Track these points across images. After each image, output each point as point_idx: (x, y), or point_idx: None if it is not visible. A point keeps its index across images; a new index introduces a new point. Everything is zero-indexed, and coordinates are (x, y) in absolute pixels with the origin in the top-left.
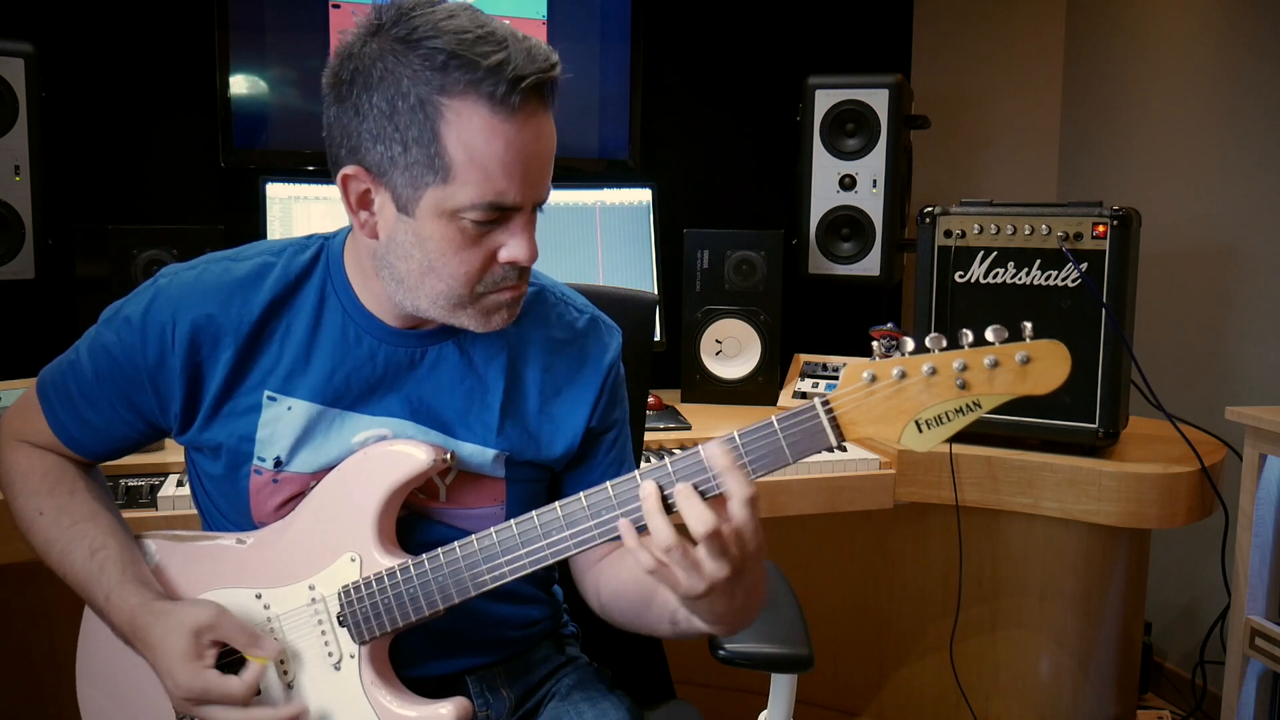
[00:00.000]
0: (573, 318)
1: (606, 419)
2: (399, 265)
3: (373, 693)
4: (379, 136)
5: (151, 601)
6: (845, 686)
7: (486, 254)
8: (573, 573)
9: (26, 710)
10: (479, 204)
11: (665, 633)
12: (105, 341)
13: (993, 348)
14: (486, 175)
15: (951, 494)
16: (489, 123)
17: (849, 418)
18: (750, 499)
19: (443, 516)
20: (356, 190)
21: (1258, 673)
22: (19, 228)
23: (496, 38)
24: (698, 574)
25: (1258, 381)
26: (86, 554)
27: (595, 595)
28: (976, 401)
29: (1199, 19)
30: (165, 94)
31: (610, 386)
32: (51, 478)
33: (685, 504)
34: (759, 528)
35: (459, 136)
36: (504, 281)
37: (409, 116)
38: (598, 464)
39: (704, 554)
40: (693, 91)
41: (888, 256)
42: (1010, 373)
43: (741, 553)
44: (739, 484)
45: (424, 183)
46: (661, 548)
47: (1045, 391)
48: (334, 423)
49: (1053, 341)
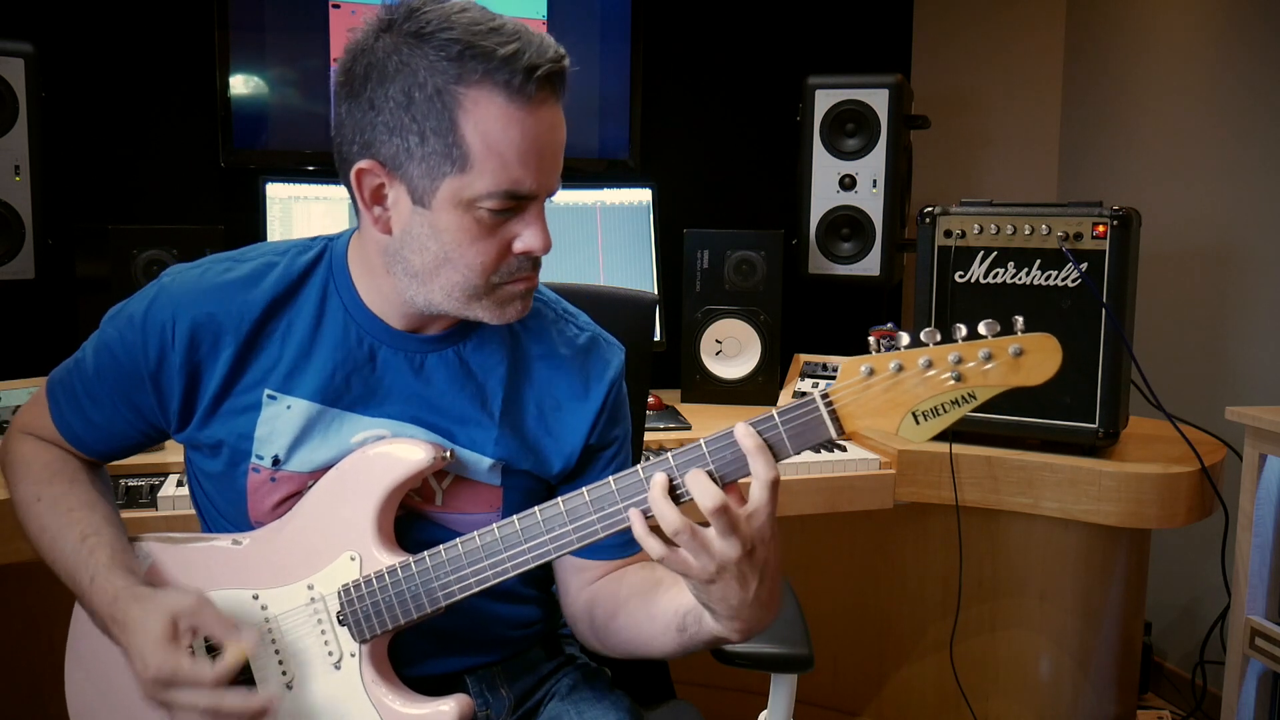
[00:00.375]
0: (573, 334)
1: (606, 436)
2: (414, 259)
3: (374, 691)
4: (395, 129)
5: (135, 587)
6: (845, 686)
7: (502, 244)
8: (562, 602)
9: (26, 710)
10: (496, 192)
11: (671, 644)
12: (108, 339)
13: (986, 341)
14: (504, 163)
15: (951, 494)
16: (505, 111)
17: (848, 410)
18: (772, 481)
19: (438, 521)
20: (370, 185)
21: (1258, 673)
22: (19, 228)
23: (508, 29)
24: (708, 554)
25: (1258, 381)
26: (77, 539)
27: (588, 620)
28: (971, 393)
29: (1199, 19)
30: (165, 94)
31: (611, 404)
32: (53, 468)
33: (694, 483)
34: (774, 512)
35: (476, 125)
36: (519, 272)
37: (426, 106)
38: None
39: (713, 532)
40: (693, 91)
41: (888, 256)
42: (1004, 365)
43: (752, 534)
44: (764, 465)
45: (441, 173)
46: (671, 530)
47: (1038, 383)
48: (333, 423)
49: (1044, 334)
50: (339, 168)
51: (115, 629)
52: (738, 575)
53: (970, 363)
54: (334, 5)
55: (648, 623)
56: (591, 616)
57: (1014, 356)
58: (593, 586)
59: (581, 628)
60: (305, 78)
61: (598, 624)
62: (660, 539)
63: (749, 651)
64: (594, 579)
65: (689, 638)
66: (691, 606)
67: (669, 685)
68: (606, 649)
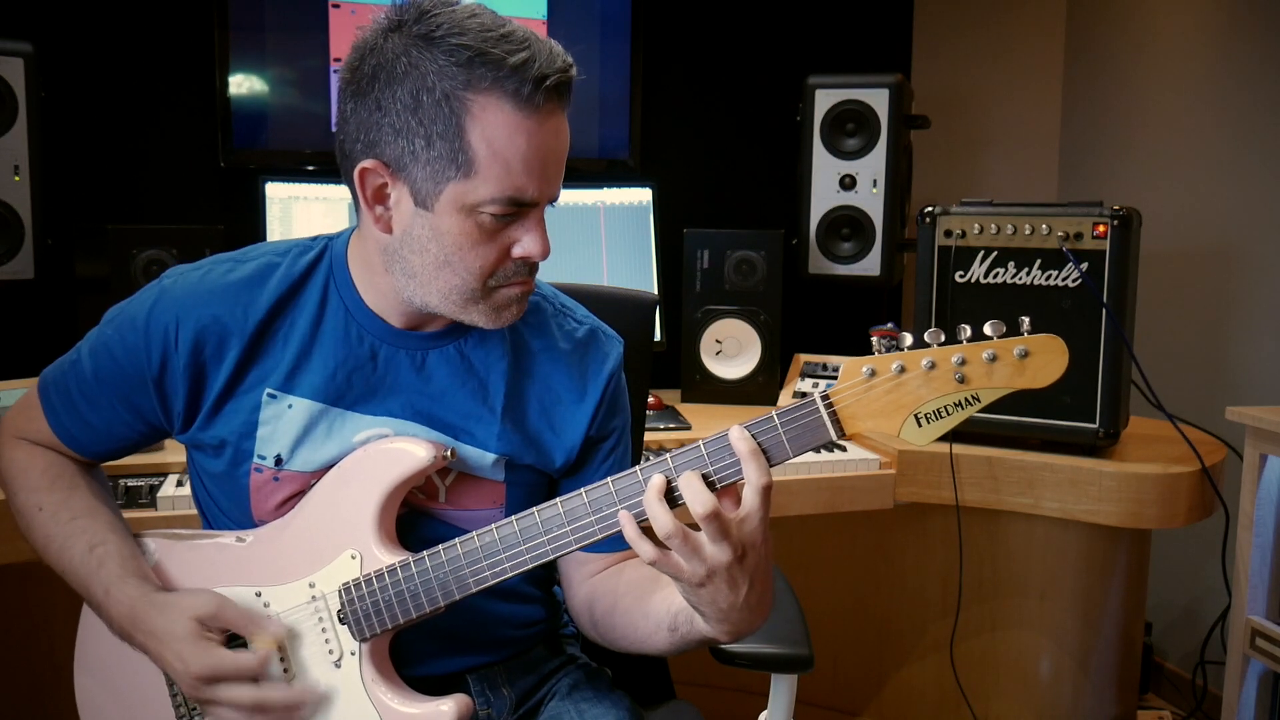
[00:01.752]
0: (572, 328)
1: (605, 427)
2: (413, 260)
3: (373, 690)
4: (401, 130)
5: (151, 594)
6: (845, 686)
7: (501, 249)
8: (565, 595)
9: (26, 710)
10: (499, 198)
11: (664, 643)
12: (107, 341)
13: (991, 342)
14: (508, 171)
15: (952, 494)
16: (513, 119)
17: (849, 412)
18: (764, 487)
19: (442, 517)
20: (373, 185)
21: (1258, 673)
22: (19, 228)
23: (518, 37)
24: (699, 558)
25: (1258, 381)
26: (85, 549)
27: (588, 614)
28: (975, 395)
29: (1199, 19)
30: (165, 94)
31: (610, 396)
32: (51, 474)
33: (687, 487)
34: (766, 517)
35: (483, 132)
36: (515, 276)
37: (434, 111)
38: (594, 472)
39: (704, 538)
40: (693, 92)
41: (888, 256)
42: (1008, 366)
43: (743, 539)
44: (757, 471)
45: (445, 177)
46: (663, 534)
47: (1043, 385)
48: (335, 421)
49: (1050, 336)
50: (341, 164)
51: (140, 637)
52: (728, 580)
53: (974, 364)
54: (334, 5)
55: (642, 620)
56: (591, 610)
57: (1019, 358)
58: (593, 580)
59: (583, 621)
60: (305, 78)
61: (597, 618)
62: (653, 542)
63: (749, 651)
64: (594, 573)
65: (680, 638)
66: (683, 607)
67: (669, 685)
68: (606, 643)
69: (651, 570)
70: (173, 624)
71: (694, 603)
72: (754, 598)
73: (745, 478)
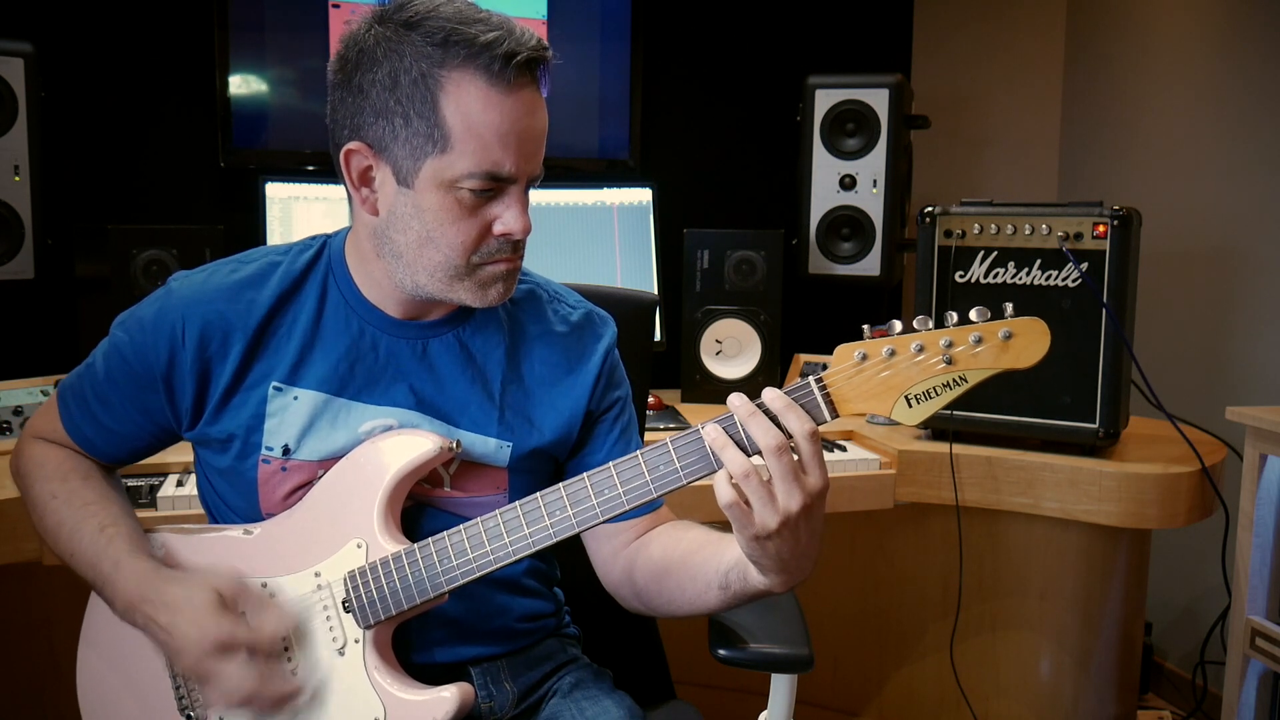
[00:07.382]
0: (566, 312)
1: (606, 399)
2: (398, 239)
3: (376, 677)
4: (381, 111)
5: (164, 570)
6: (845, 686)
7: (482, 225)
8: (601, 574)
9: (27, 710)
10: (476, 173)
11: (714, 601)
12: (118, 344)
13: (976, 325)
14: (483, 145)
15: (952, 494)
16: (485, 94)
17: (841, 394)
18: (811, 432)
19: (446, 505)
20: (358, 166)
21: (1258, 673)
22: (19, 228)
23: (493, 21)
24: (773, 506)
25: (1258, 381)
26: (95, 529)
27: (630, 585)
28: (963, 376)
29: (1199, 19)
30: (165, 94)
31: (608, 370)
32: (66, 466)
33: (754, 426)
34: (823, 462)
35: (457, 107)
36: (499, 253)
37: (410, 90)
38: (601, 444)
39: (777, 480)
40: (693, 92)
41: (888, 256)
42: (994, 348)
43: (808, 489)
44: (798, 419)
45: (424, 153)
46: (740, 474)
47: (1027, 365)
48: (340, 412)
49: (1033, 319)
50: (331, 153)
51: (148, 609)
52: (793, 529)
53: (961, 346)
54: (334, 5)
55: (689, 583)
56: (633, 581)
57: (1003, 340)
58: (627, 551)
59: (625, 593)
60: (305, 78)
61: (640, 588)
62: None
63: (749, 652)
64: (626, 544)
65: (732, 594)
66: (733, 564)
67: (669, 685)
68: (651, 610)
69: (689, 533)
70: (193, 592)
71: (755, 555)
72: (814, 547)
73: (790, 429)
